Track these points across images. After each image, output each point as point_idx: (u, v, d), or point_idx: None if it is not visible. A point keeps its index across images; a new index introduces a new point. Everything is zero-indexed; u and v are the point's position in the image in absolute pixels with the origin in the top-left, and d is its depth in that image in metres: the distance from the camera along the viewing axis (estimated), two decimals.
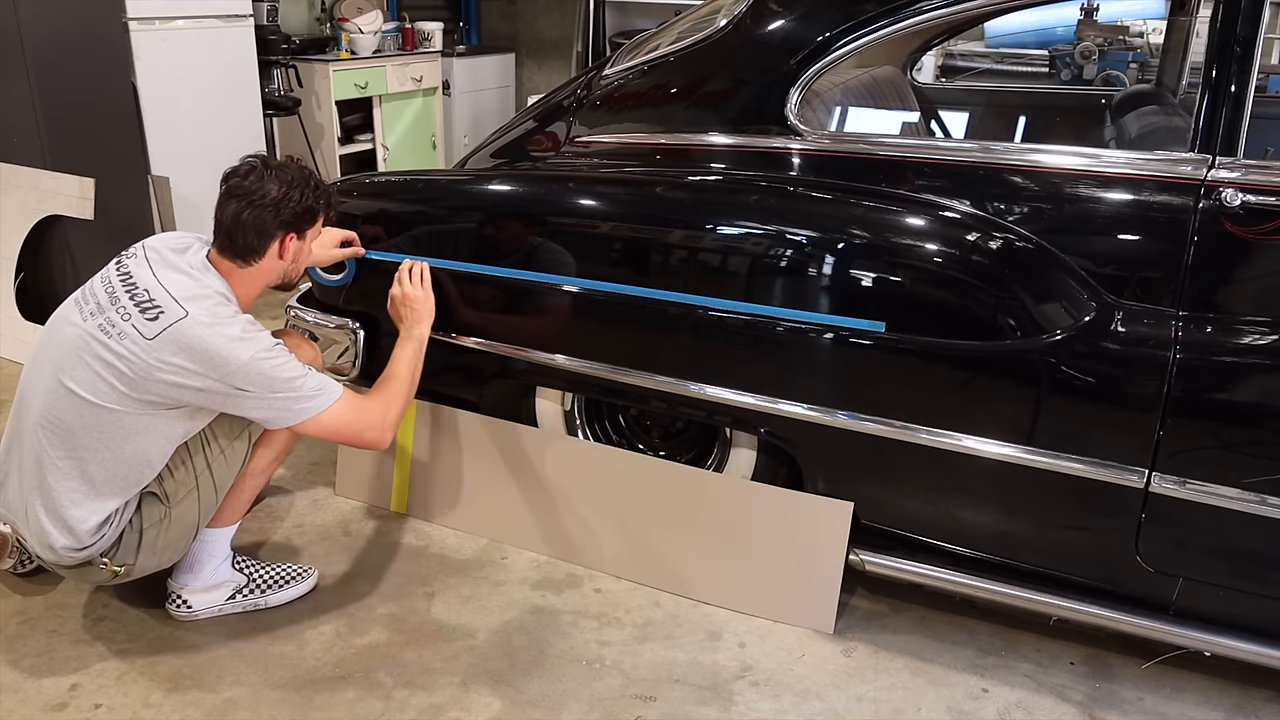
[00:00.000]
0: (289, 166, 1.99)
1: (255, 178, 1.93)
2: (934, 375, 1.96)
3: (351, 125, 5.13)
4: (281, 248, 1.98)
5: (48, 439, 1.87)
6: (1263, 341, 1.80)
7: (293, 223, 1.97)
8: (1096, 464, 1.87)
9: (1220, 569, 1.90)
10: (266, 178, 1.93)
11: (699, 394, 2.14)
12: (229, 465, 2.01)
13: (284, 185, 1.94)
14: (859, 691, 1.99)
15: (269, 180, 1.93)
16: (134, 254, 1.96)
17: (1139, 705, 1.97)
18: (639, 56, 2.42)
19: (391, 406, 2.04)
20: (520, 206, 2.32)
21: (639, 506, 2.30)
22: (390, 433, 2.03)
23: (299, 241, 2.01)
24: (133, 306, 1.85)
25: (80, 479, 1.87)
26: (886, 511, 2.13)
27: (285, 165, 1.98)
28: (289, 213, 1.95)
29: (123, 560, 1.95)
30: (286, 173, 1.96)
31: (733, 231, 2.09)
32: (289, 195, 1.94)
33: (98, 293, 1.91)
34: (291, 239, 1.99)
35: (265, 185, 1.92)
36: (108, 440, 1.86)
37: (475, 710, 1.91)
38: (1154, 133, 2.56)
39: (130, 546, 1.95)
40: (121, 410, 1.85)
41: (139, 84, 3.72)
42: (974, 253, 1.93)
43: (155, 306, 1.84)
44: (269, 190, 1.92)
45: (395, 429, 2.06)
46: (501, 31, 6.44)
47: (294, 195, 1.95)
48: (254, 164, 1.96)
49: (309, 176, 2.00)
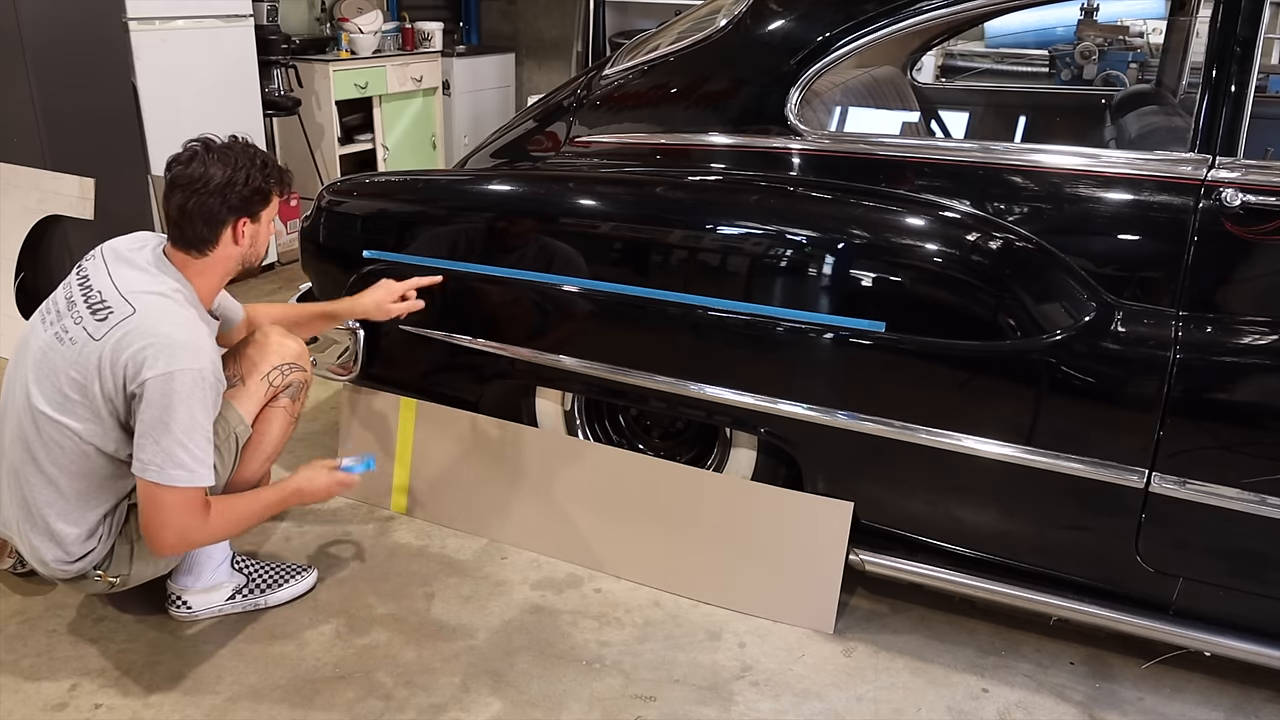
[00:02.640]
0: (233, 147, 1.89)
1: (198, 164, 1.84)
2: (934, 375, 1.96)
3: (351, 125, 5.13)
4: (235, 233, 1.90)
5: (20, 455, 1.86)
6: (1263, 341, 1.80)
7: (242, 206, 1.88)
8: (1096, 464, 1.87)
9: (1220, 569, 1.90)
10: (209, 162, 1.84)
11: (699, 394, 2.14)
12: (219, 469, 1.97)
13: (228, 168, 1.85)
14: (859, 691, 1.99)
15: (212, 164, 1.84)
16: (93, 256, 1.93)
17: (1139, 705, 1.97)
18: (639, 56, 2.42)
19: (212, 533, 1.89)
20: (520, 206, 2.32)
21: (639, 506, 2.30)
22: (182, 550, 1.94)
23: (253, 224, 1.93)
24: (85, 310, 1.82)
25: (55, 493, 1.86)
26: (886, 511, 2.13)
27: (229, 146, 1.89)
28: (236, 197, 1.86)
29: (117, 571, 1.94)
30: (230, 154, 1.87)
31: (733, 231, 2.09)
32: (234, 178, 1.85)
33: (58, 300, 1.89)
34: (244, 223, 1.91)
35: (209, 170, 1.83)
36: (71, 456, 1.83)
37: (475, 710, 1.91)
38: (1154, 133, 2.56)
39: (123, 557, 1.93)
40: (80, 426, 1.81)
41: (139, 84, 3.72)
42: (974, 253, 1.93)
43: (105, 306, 1.80)
44: (213, 175, 1.83)
45: (189, 549, 1.96)
46: (501, 31, 6.44)
47: (239, 177, 1.86)
48: (195, 149, 1.87)
49: (255, 154, 1.91)
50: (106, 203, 3.36)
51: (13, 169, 3.44)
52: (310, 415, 3.04)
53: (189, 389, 1.77)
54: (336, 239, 2.49)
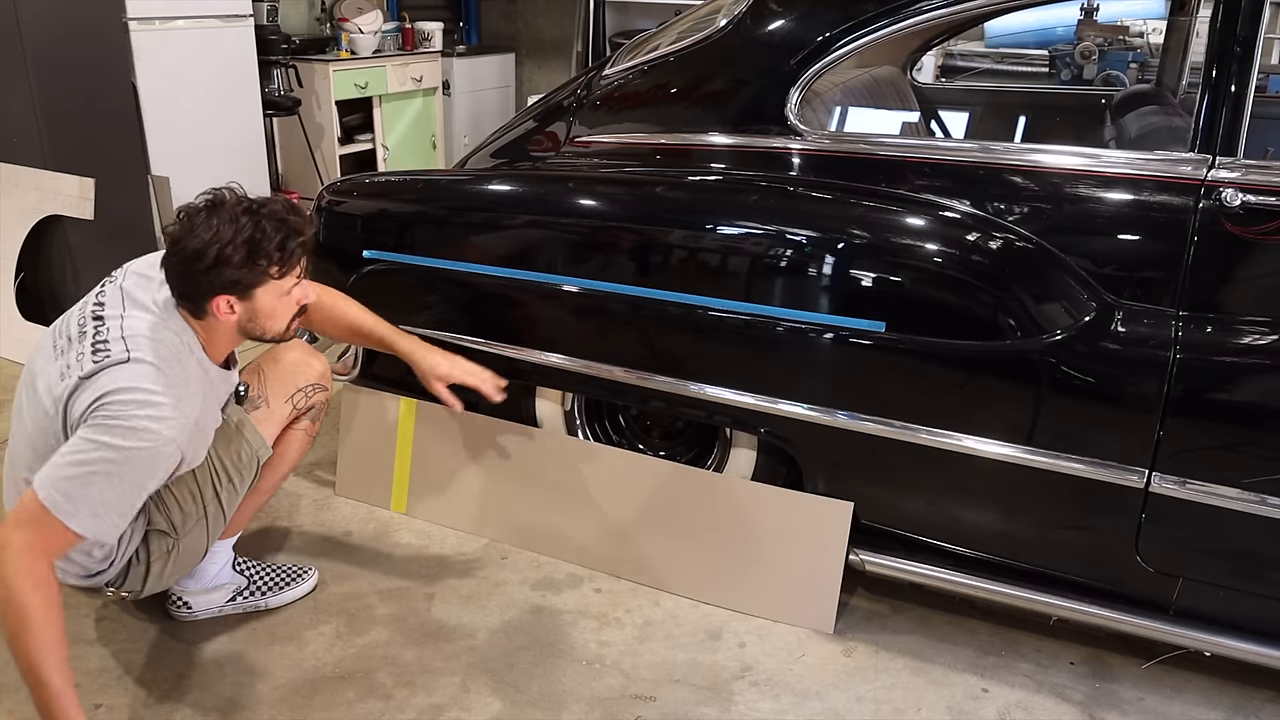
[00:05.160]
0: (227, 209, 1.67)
1: (186, 224, 1.66)
2: (934, 375, 1.96)
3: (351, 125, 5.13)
4: (218, 309, 1.71)
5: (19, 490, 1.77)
6: (1263, 341, 1.80)
7: (224, 286, 1.69)
8: (1096, 464, 1.87)
9: (1220, 569, 1.90)
10: (197, 224, 1.65)
11: (699, 394, 2.14)
12: (238, 492, 1.95)
13: (206, 239, 1.64)
14: (859, 691, 1.99)
15: (198, 228, 1.65)
16: (113, 279, 1.81)
17: (1139, 705, 1.97)
18: (639, 56, 2.42)
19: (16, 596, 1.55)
20: (520, 206, 2.32)
21: (639, 506, 2.30)
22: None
23: (246, 303, 1.73)
24: (89, 349, 1.68)
25: None
26: (886, 511, 2.13)
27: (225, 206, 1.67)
28: (213, 275, 1.66)
29: (130, 588, 1.89)
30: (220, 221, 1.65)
31: (733, 231, 2.09)
32: (205, 251, 1.64)
33: (70, 327, 1.75)
34: (228, 301, 1.71)
35: (189, 234, 1.65)
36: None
37: (475, 710, 1.91)
38: (1154, 133, 2.56)
39: (137, 577, 1.88)
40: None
41: (139, 84, 3.72)
42: (974, 253, 1.93)
43: (105, 346, 1.67)
44: (189, 241, 1.65)
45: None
46: (501, 31, 6.44)
47: (210, 254, 1.64)
48: (199, 205, 1.68)
49: (241, 226, 1.65)
50: (106, 203, 3.35)
51: (13, 169, 3.44)
52: None
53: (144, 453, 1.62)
54: (336, 239, 2.49)
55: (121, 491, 1.63)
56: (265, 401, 2.01)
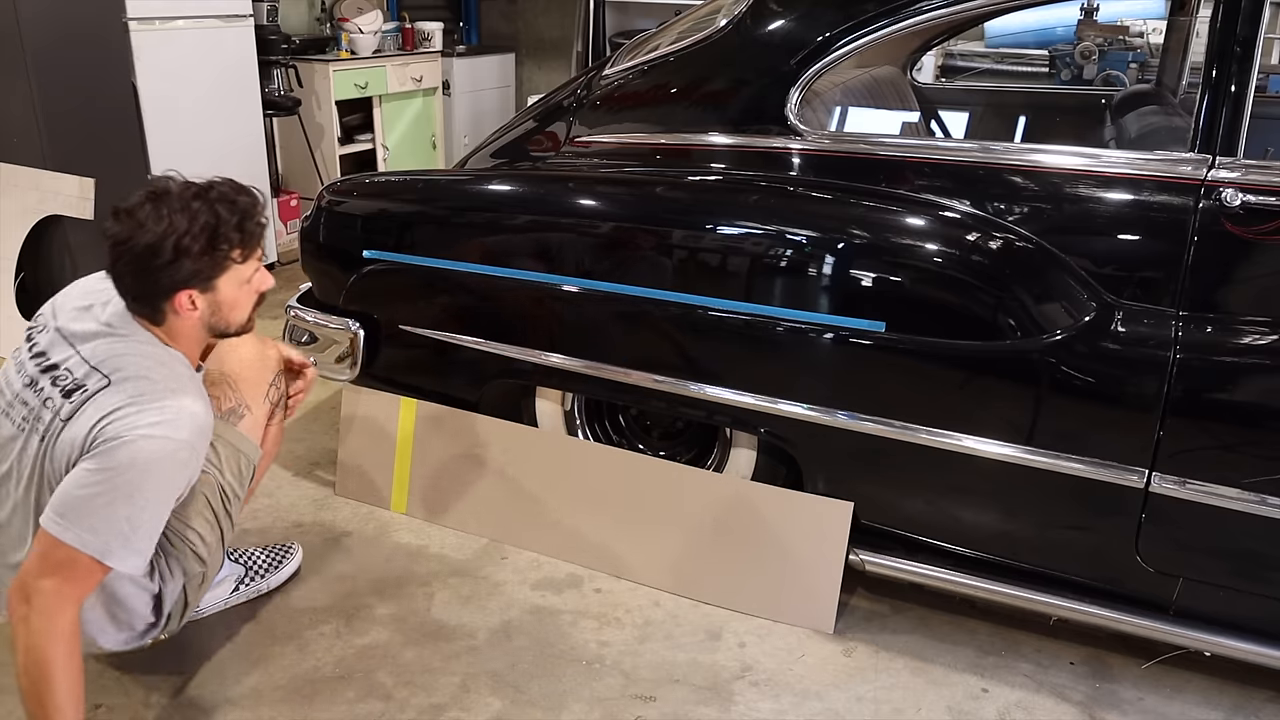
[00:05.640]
0: (182, 195, 1.57)
1: (130, 220, 1.55)
2: (934, 375, 1.96)
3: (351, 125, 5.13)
4: (178, 307, 1.61)
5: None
6: (1263, 341, 1.80)
7: (185, 280, 1.58)
8: (1096, 464, 1.87)
9: (1220, 569, 1.90)
10: (146, 217, 1.54)
11: (699, 394, 2.14)
12: (241, 501, 1.90)
13: (160, 228, 1.53)
14: (859, 691, 1.99)
15: (147, 221, 1.54)
16: (42, 326, 1.68)
17: (1139, 705, 1.97)
18: (639, 56, 2.42)
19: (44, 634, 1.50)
20: (520, 206, 2.32)
21: (639, 506, 2.30)
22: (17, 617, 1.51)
23: (208, 295, 1.63)
24: (59, 395, 1.57)
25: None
26: (887, 511, 2.13)
27: (181, 192, 1.57)
28: (173, 269, 1.55)
29: (172, 629, 1.84)
30: (167, 208, 1.55)
31: (733, 231, 2.09)
32: (161, 244, 1.53)
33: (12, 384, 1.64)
34: (189, 295, 1.60)
35: (139, 229, 1.54)
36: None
37: (475, 710, 1.91)
38: (1154, 133, 2.56)
39: (178, 614, 1.84)
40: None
41: (139, 84, 3.72)
42: (974, 253, 1.93)
43: (78, 383, 1.57)
44: (139, 237, 1.53)
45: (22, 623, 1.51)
46: (501, 31, 6.44)
47: (167, 246, 1.53)
48: (141, 197, 1.56)
49: (203, 208, 1.57)
50: (106, 203, 3.32)
51: (13, 169, 3.44)
52: (310, 415, 3.05)
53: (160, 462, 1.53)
54: (336, 239, 2.49)
55: (146, 509, 1.54)
56: (246, 408, 1.91)
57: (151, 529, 1.57)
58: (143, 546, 1.55)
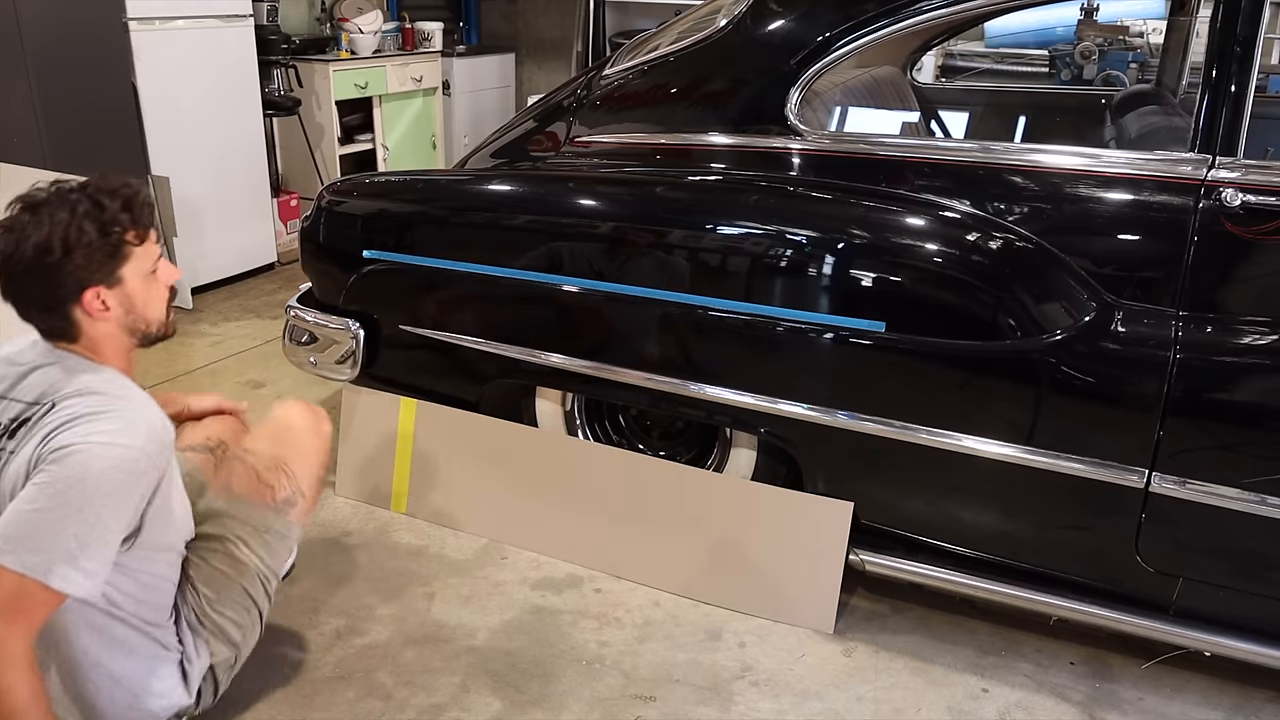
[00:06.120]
0: (53, 197, 1.48)
1: (11, 236, 1.45)
2: (934, 375, 1.96)
3: (351, 125, 5.13)
4: (88, 310, 1.51)
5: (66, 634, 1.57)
6: (1263, 341, 1.80)
7: (80, 276, 1.48)
8: (1096, 464, 1.87)
9: (1220, 569, 1.90)
10: (25, 227, 1.45)
11: (699, 394, 2.14)
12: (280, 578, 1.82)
13: (42, 230, 1.44)
14: (859, 691, 1.99)
15: (29, 229, 1.44)
16: None
17: (1139, 705, 1.97)
18: (639, 56, 2.42)
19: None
20: (520, 206, 2.32)
21: (639, 506, 2.30)
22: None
23: (116, 289, 1.52)
24: (4, 438, 1.49)
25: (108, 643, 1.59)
26: (886, 511, 2.13)
27: (50, 197, 1.48)
28: (69, 266, 1.46)
29: (205, 705, 1.76)
30: (47, 209, 1.46)
31: (733, 231, 2.09)
32: (49, 243, 1.44)
33: None
34: (97, 294, 1.51)
35: (21, 245, 1.44)
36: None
37: (475, 710, 1.91)
38: (1154, 133, 2.56)
39: (209, 692, 1.76)
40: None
41: (139, 84, 3.72)
42: (974, 253, 1.93)
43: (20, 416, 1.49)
44: (23, 248, 1.44)
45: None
46: (501, 31, 6.44)
47: (55, 241, 1.44)
48: (11, 215, 1.47)
49: (82, 197, 1.48)
50: None
51: (13, 169, 3.43)
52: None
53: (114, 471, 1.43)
54: (336, 239, 2.49)
55: (97, 526, 1.42)
56: (301, 495, 1.85)
57: (102, 548, 1.44)
58: (92, 567, 1.42)
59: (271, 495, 1.80)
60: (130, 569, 1.55)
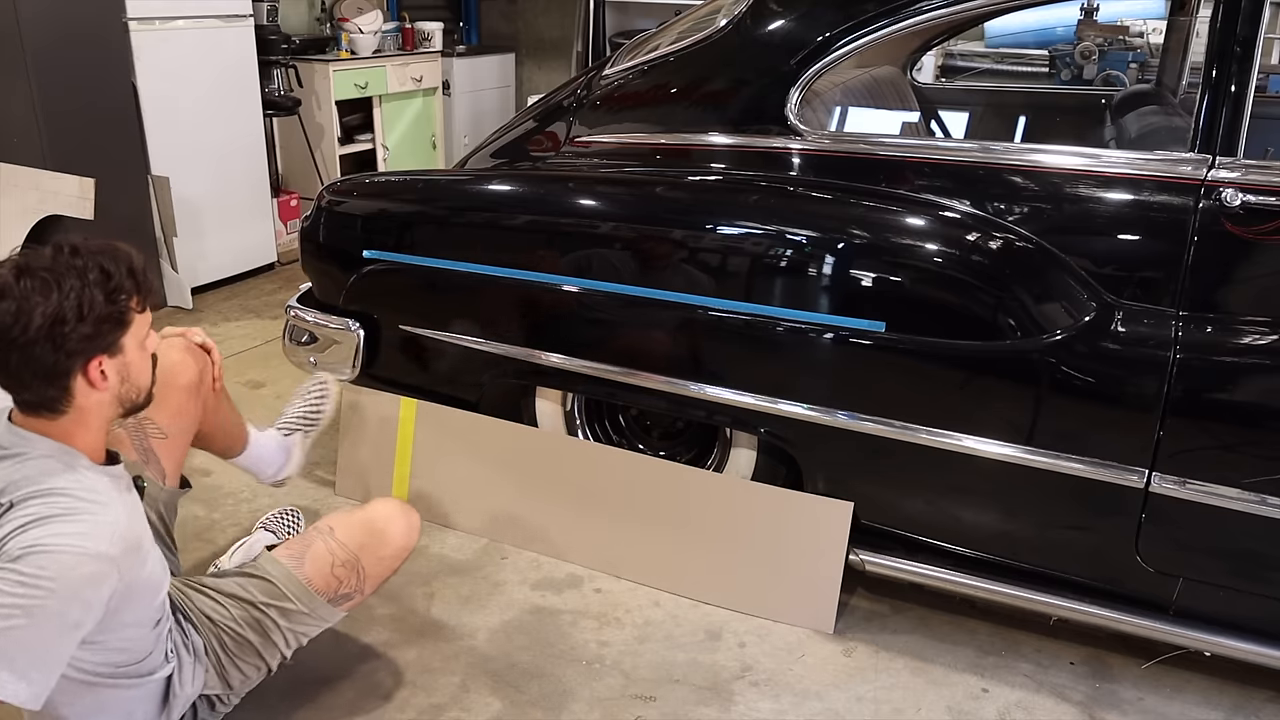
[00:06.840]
0: (58, 261, 1.39)
1: (8, 301, 1.35)
2: (934, 375, 1.96)
3: (351, 125, 5.13)
4: (90, 379, 1.43)
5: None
6: (1263, 341, 1.80)
7: (88, 344, 1.40)
8: (1096, 464, 1.87)
9: (1220, 569, 1.90)
10: (27, 293, 1.35)
11: (699, 394, 2.14)
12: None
13: (51, 297, 1.36)
14: (859, 691, 1.99)
15: (32, 296, 1.35)
16: None
17: (1139, 705, 1.97)
18: (639, 56, 2.42)
19: None
20: (520, 206, 2.32)
21: (639, 506, 2.30)
22: None
23: (115, 359, 1.45)
24: None
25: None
26: (887, 511, 2.13)
27: (53, 263, 1.39)
28: (77, 336, 1.38)
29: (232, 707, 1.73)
30: (53, 275, 1.37)
31: (733, 231, 2.09)
32: (62, 312, 1.36)
33: None
34: (100, 363, 1.43)
35: (26, 307, 1.35)
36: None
37: (475, 710, 1.91)
38: (1154, 133, 2.56)
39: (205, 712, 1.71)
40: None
41: (139, 84, 3.72)
42: (974, 253, 1.93)
43: None
44: (32, 315, 1.35)
45: None
46: (501, 31, 6.44)
47: (68, 308, 1.36)
48: (4, 278, 1.36)
49: (90, 263, 1.40)
50: (106, 203, 3.36)
51: (13, 169, 3.44)
52: None
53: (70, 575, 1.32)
54: (336, 239, 2.49)
55: (44, 629, 1.32)
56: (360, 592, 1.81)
57: (46, 654, 1.33)
58: (33, 674, 1.31)
59: (335, 590, 1.76)
60: (98, 643, 1.46)
